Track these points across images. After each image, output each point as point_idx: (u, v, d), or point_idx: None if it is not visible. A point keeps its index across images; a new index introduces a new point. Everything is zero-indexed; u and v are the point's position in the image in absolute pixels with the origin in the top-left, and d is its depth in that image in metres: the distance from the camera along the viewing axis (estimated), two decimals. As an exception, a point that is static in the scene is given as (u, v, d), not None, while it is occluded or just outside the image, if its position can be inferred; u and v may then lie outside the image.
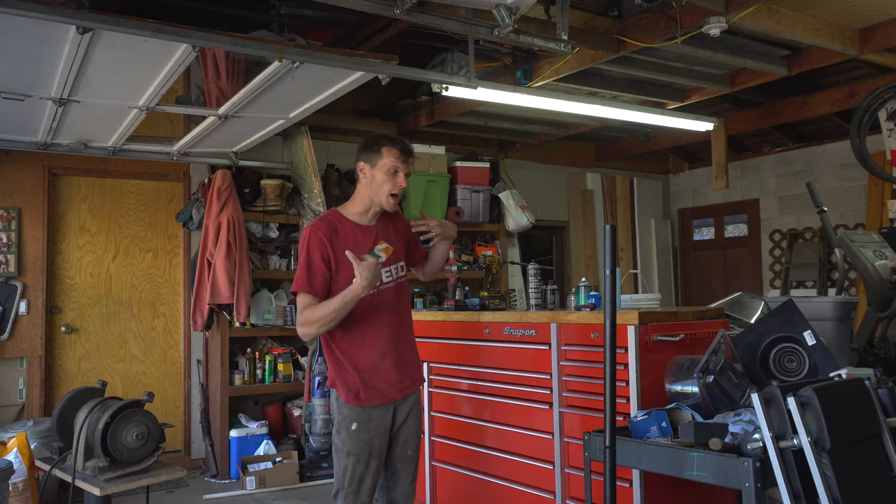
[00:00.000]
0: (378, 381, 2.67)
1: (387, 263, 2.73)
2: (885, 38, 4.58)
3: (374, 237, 2.74)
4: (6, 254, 5.06)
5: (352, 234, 2.69)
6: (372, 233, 2.74)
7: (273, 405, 5.72)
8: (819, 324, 3.88)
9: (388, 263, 2.74)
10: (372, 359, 2.68)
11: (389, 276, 2.74)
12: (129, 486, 3.05)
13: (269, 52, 3.44)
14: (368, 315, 2.68)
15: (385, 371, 2.69)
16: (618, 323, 2.54)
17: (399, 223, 2.89)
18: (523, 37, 3.47)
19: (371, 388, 2.67)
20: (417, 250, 2.98)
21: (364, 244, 2.69)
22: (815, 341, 2.76)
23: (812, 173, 7.32)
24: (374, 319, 2.70)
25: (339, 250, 2.63)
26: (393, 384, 2.70)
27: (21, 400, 5.11)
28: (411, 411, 2.78)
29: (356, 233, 2.71)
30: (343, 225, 2.71)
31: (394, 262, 2.77)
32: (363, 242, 2.70)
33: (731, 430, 2.36)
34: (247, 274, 5.27)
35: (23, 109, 4.03)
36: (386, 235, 2.78)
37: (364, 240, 2.71)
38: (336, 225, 2.69)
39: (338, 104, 4.53)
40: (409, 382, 2.77)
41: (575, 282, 5.93)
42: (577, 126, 6.84)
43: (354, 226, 2.72)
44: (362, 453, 2.65)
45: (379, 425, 2.68)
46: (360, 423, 2.65)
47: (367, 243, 2.71)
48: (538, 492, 3.24)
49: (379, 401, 2.68)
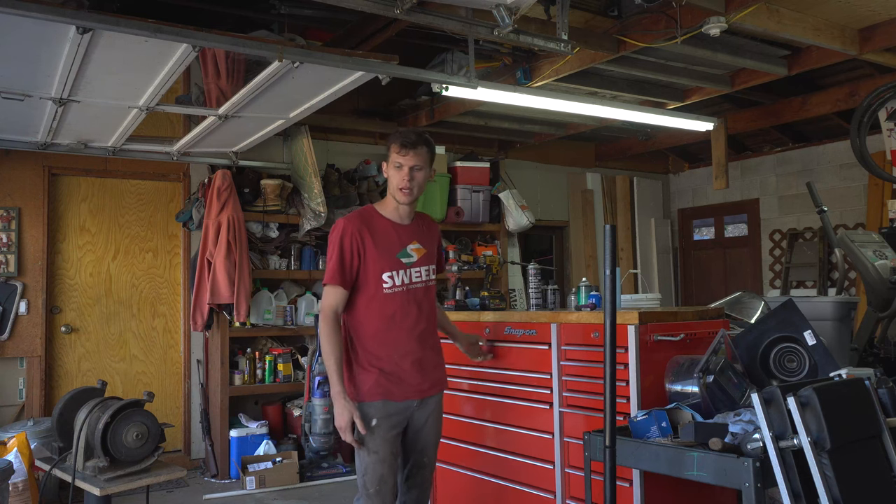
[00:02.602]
0: (397, 380, 2.67)
1: (418, 264, 2.75)
2: (885, 38, 4.58)
3: (409, 236, 2.76)
4: (6, 254, 5.06)
5: (386, 230, 2.73)
6: (407, 231, 2.77)
7: (273, 405, 5.72)
8: (819, 324, 3.88)
9: (420, 264, 2.76)
10: (394, 357, 2.68)
11: (419, 276, 2.75)
12: (129, 486, 3.05)
13: (269, 52, 3.44)
14: (396, 313, 2.69)
15: (405, 370, 2.68)
16: (618, 323, 2.54)
17: (433, 229, 2.91)
18: (523, 37, 3.47)
19: (390, 384, 2.66)
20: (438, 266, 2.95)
21: (398, 240, 2.73)
22: (815, 341, 2.76)
23: (812, 173, 7.32)
24: (400, 318, 2.70)
25: (371, 242, 2.66)
26: (413, 385, 2.69)
27: (21, 400, 5.11)
28: (430, 417, 2.75)
29: (392, 229, 2.74)
30: (378, 220, 2.74)
31: (425, 264, 2.78)
32: (398, 239, 2.73)
33: (731, 430, 2.36)
34: (247, 274, 5.27)
35: (23, 109, 4.03)
36: (420, 236, 2.80)
37: (399, 236, 2.74)
38: (371, 219, 2.73)
39: (338, 104, 4.54)
40: (429, 385, 2.74)
41: (575, 282, 5.94)
42: (577, 126, 6.84)
43: (390, 223, 2.75)
44: (383, 450, 2.62)
45: (398, 424, 2.67)
46: (379, 419, 2.62)
47: (402, 240, 2.74)
48: (538, 492, 3.24)
49: (398, 397, 2.66)
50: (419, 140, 2.71)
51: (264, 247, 5.77)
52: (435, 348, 2.83)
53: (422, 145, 2.70)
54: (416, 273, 2.74)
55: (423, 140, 2.72)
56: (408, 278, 2.71)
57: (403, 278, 2.71)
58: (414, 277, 2.73)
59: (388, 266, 2.69)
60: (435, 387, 2.78)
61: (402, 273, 2.71)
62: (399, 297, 2.70)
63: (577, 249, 7.87)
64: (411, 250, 2.74)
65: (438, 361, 2.83)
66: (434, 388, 2.77)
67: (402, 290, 2.70)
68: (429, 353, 2.77)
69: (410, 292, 2.72)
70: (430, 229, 2.89)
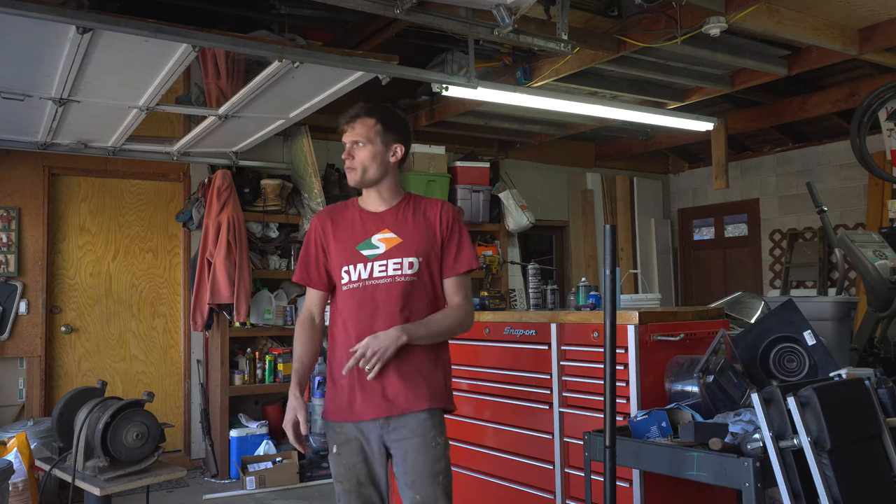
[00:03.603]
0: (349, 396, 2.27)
1: (385, 256, 2.28)
2: (885, 38, 4.58)
3: (379, 224, 2.33)
4: (6, 254, 5.06)
5: (352, 219, 2.37)
6: (376, 219, 2.34)
7: (273, 405, 5.72)
8: (819, 324, 3.88)
9: (389, 256, 2.28)
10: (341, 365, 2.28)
11: (383, 270, 2.27)
12: (129, 486, 3.04)
13: (269, 52, 3.44)
14: (351, 314, 2.29)
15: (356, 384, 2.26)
16: (618, 323, 2.54)
17: (431, 216, 2.36)
18: (523, 37, 3.47)
19: (341, 400, 2.29)
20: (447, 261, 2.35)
21: (362, 229, 2.34)
22: (815, 341, 2.76)
23: (812, 173, 7.32)
24: (354, 320, 2.28)
25: (332, 235, 2.36)
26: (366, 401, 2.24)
27: (21, 400, 5.11)
28: (411, 442, 2.22)
29: (359, 219, 2.36)
30: (348, 210, 2.40)
31: (396, 256, 2.28)
32: (362, 228, 2.34)
33: (731, 430, 2.36)
34: (247, 274, 5.27)
35: (23, 109, 4.03)
36: (399, 224, 2.33)
37: (364, 225, 2.34)
38: (342, 210, 2.41)
39: (338, 104, 4.52)
40: (386, 403, 2.22)
41: (575, 282, 5.94)
42: (577, 126, 6.84)
43: (359, 211, 2.38)
44: (347, 481, 2.27)
45: (362, 449, 2.26)
46: (338, 447, 2.30)
47: (367, 229, 2.33)
48: (538, 492, 3.24)
49: (343, 417, 2.28)
50: (359, 111, 2.32)
51: (264, 247, 5.78)
52: (409, 358, 2.25)
53: (363, 116, 2.30)
54: (379, 266, 2.27)
55: (364, 110, 2.32)
56: (366, 273, 2.27)
57: (361, 272, 2.28)
58: (377, 271, 2.27)
59: (345, 259, 2.31)
60: (406, 405, 2.22)
61: (360, 267, 2.28)
62: (355, 294, 2.29)
63: (577, 249, 7.87)
64: (378, 240, 2.30)
65: (415, 375, 2.25)
66: (403, 406, 2.22)
67: (358, 286, 2.28)
68: (399, 366, 2.23)
69: (368, 289, 2.27)
70: (427, 216, 2.35)
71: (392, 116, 2.35)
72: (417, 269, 2.29)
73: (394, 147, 2.33)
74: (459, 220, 2.41)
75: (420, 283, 2.29)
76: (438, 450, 2.25)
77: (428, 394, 2.26)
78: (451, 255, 2.35)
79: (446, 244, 2.35)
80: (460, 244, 2.36)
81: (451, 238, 2.35)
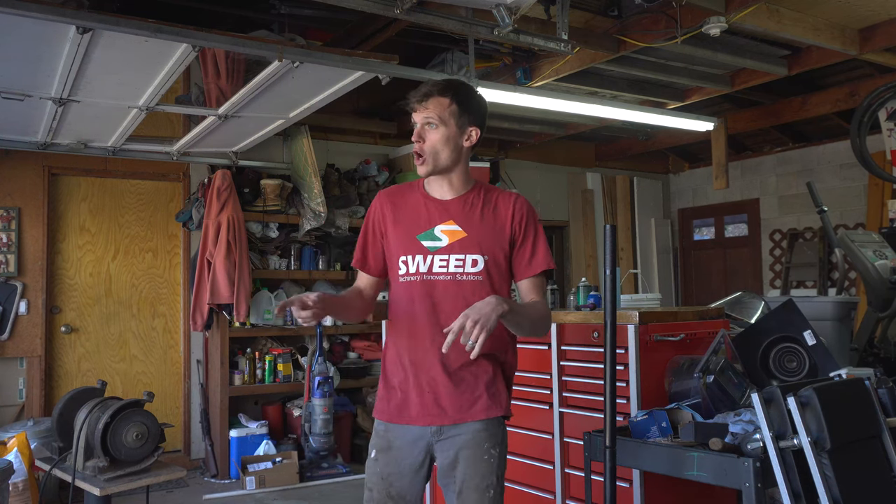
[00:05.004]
0: (402, 398, 2.12)
1: (448, 250, 2.09)
2: (885, 38, 4.58)
3: (444, 214, 2.12)
4: (6, 254, 5.06)
5: (416, 205, 2.16)
6: (442, 208, 2.13)
7: (273, 405, 5.72)
8: (819, 324, 3.88)
9: (452, 251, 2.09)
10: (398, 367, 2.14)
11: (444, 266, 2.08)
12: (129, 486, 3.05)
13: (269, 52, 3.44)
14: (406, 311, 2.12)
15: (410, 386, 2.10)
16: (618, 323, 2.54)
17: (503, 210, 2.14)
18: (523, 37, 3.47)
19: (391, 401, 2.13)
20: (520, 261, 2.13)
21: (426, 218, 2.13)
22: (815, 341, 2.76)
23: (812, 173, 7.32)
24: (409, 318, 2.12)
25: (392, 220, 2.17)
26: (417, 406, 2.08)
27: (21, 400, 5.11)
28: (462, 452, 2.04)
29: (423, 205, 2.15)
30: (413, 193, 2.19)
31: (458, 252, 2.08)
32: (426, 216, 2.13)
33: (731, 430, 2.36)
34: (247, 274, 5.27)
35: (23, 109, 4.03)
36: (465, 217, 2.12)
37: (429, 213, 2.14)
38: (407, 192, 2.21)
39: (338, 104, 4.53)
40: (438, 410, 2.06)
41: (575, 282, 5.93)
42: (577, 126, 6.84)
43: (424, 197, 2.17)
44: (377, 490, 2.10)
45: (402, 460, 2.09)
46: (377, 452, 2.12)
47: (431, 218, 2.13)
48: (538, 492, 3.23)
49: (392, 418, 2.12)
50: (434, 87, 2.09)
51: (264, 247, 5.78)
52: (469, 364, 2.07)
53: (438, 94, 2.08)
54: (440, 261, 2.08)
55: (438, 88, 2.09)
56: (425, 266, 2.08)
57: (420, 265, 2.09)
58: (437, 266, 2.08)
59: (403, 249, 2.12)
60: (460, 414, 2.05)
61: (418, 259, 2.09)
62: (412, 289, 2.10)
63: (577, 249, 7.87)
64: (441, 232, 2.10)
65: (473, 381, 2.08)
66: (456, 417, 2.06)
67: (416, 279, 2.09)
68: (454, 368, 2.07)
69: (428, 284, 2.08)
70: (498, 210, 2.13)
71: (469, 96, 2.14)
72: (482, 267, 2.09)
73: (469, 130, 2.12)
74: (535, 215, 2.19)
75: (484, 283, 2.08)
76: (492, 462, 2.06)
77: (486, 403, 2.08)
78: (525, 254, 2.13)
79: (520, 242, 2.14)
80: (535, 242, 2.14)
81: (525, 236, 2.14)
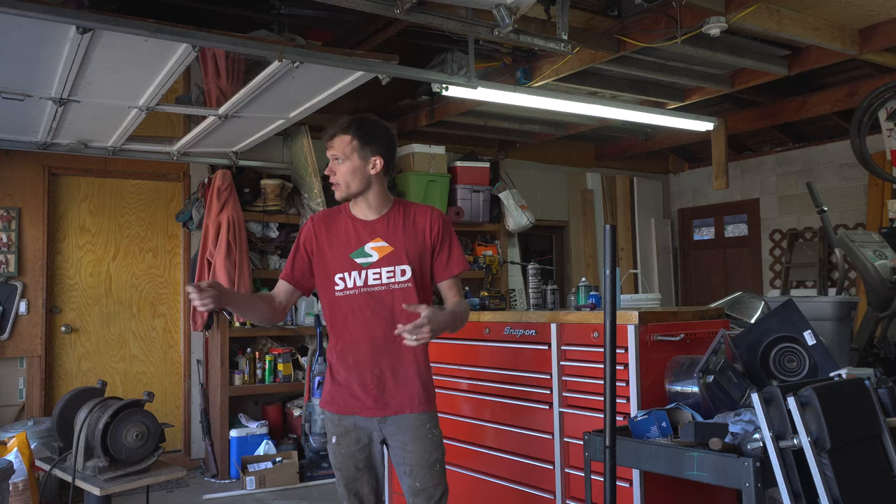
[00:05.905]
0: (348, 392, 2.43)
1: (379, 264, 2.42)
2: (885, 38, 4.58)
3: (371, 233, 2.45)
4: (6, 254, 5.06)
5: (345, 228, 2.48)
6: (369, 228, 2.46)
7: (273, 405, 5.72)
8: (819, 324, 3.88)
9: (382, 265, 2.42)
10: (343, 367, 2.45)
11: (377, 279, 2.42)
12: (129, 486, 3.05)
13: (269, 52, 3.44)
14: (348, 319, 2.44)
15: (356, 383, 2.42)
16: (618, 323, 2.54)
17: (421, 223, 2.49)
18: (523, 37, 3.47)
19: (340, 395, 2.45)
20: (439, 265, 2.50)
21: (355, 238, 2.45)
22: (815, 341, 2.76)
23: (812, 173, 7.32)
24: (353, 325, 2.43)
25: (326, 242, 2.48)
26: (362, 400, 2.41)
27: (21, 400, 5.11)
28: (408, 435, 2.40)
29: (351, 227, 2.48)
30: (342, 218, 2.51)
31: (389, 265, 2.42)
32: (355, 236, 2.46)
33: (731, 430, 2.36)
34: (247, 274, 5.27)
35: (23, 109, 4.03)
36: (388, 233, 2.45)
37: (357, 234, 2.46)
38: (335, 217, 2.52)
39: (338, 104, 4.53)
40: (386, 404, 2.40)
41: (575, 282, 5.94)
42: (577, 126, 6.84)
43: (351, 220, 2.49)
44: (346, 468, 2.44)
45: (360, 438, 2.44)
46: (337, 437, 2.45)
47: (360, 238, 2.45)
48: (538, 492, 3.23)
49: (341, 410, 2.44)
50: (337, 128, 2.43)
51: (264, 247, 5.78)
52: (405, 362, 2.42)
53: (340, 133, 2.42)
54: (373, 274, 2.41)
55: (340, 127, 2.43)
56: (361, 280, 2.41)
57: (356, 280, 2.42)
58: (371, 279, 2.41)
59: (339, 267, 2.44)
60: (400, 407, 2.41)
61: (354, 275, 2.42)
62: (352, 301, 2.42)
63: (577, 249, 7.87)
64: (371, 249, 2.43)
65: (412, 378, 2.43)
66: (399, 408, 2.41)
67: (354, 293, 2.42)
68: (395, 369, 2.41)
69: (365, 296, 2.41)
70: (417, 223, 2.48)
71: (369, 130, 2.44)
72: (410, 276, 2.43)
73: (372, 160, 2.42)
74: (449, 224, 2.54)
75: (413, 288, 2.43)
76: (435, 440, 2.44)
77: (424, 397, 2.44)
78: (443, 259, 2.49)
79: (438, 249, 2.49)
80: (451, 248, 2.50)
81: (443, 243, 2.49)
